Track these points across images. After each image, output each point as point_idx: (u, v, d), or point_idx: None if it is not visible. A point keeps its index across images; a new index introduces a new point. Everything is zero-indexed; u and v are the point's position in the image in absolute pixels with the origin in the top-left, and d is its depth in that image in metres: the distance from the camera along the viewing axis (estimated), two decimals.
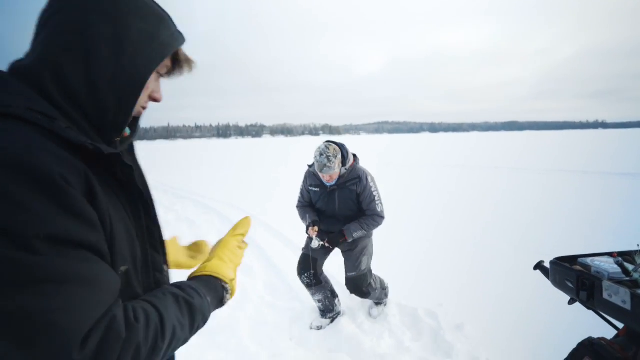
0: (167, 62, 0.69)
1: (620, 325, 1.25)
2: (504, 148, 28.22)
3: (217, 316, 3.01)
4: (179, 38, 0.69)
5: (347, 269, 2.75)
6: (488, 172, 12.74)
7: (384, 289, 2.91)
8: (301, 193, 2.94)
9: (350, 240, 2.63)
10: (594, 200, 7.37)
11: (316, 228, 2.69)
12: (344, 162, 2.62)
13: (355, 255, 2.70)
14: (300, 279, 2.85)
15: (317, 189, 2.78)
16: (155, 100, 0.71)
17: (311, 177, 2.82)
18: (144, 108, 0.70)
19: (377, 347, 2.49)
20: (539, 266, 1.52)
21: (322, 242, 2.67)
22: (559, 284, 1.21)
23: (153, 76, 0.66)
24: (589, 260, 1.17)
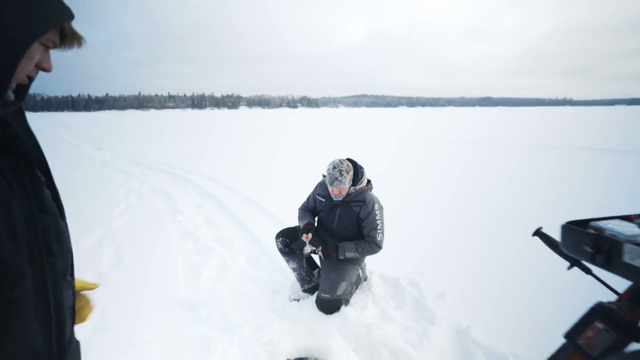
0: (52, 36, 0.73)
1: (620, 289, 1.26)
2: (482, 123, 28.79)
3: (198, 290, 2.97)
4: (64, 14, 0.73)
5: (322, 288, 2.57)
6: (466, 146, 12.98)
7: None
8: (308, 199, 2.91)
9: (341, 257, 2.56)
10: (570, 173, 7.66)
11: (310, 234, 2.63)
12: (355, 181, 2.58)
13: (336, 277, 2.55)
14: (276, 241, 2.83)
15: (323, 200, 2.75)
16: (45, 70, 0.76)
17: (321, 187, 2.79)
18: (30, 77, 0.75)
19: (362, 317, 2.51)
20: (538, 233, 1.51)
21: (314, 249, 2.61)
22: (573, 248, 1.18)
23: (38, 48, 0.71)
24: (601, 223, 1.15)
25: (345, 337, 2.28)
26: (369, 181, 2.68)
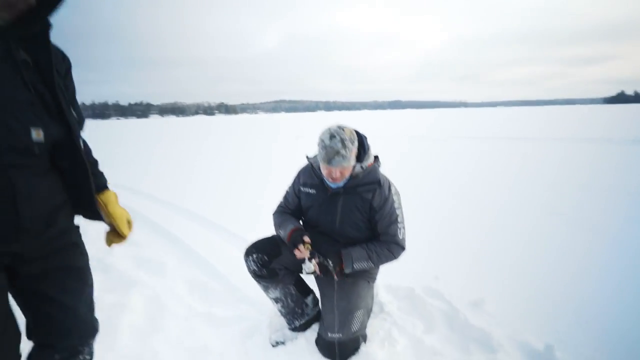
0: None
1: None
2: (397, 123, 30.35)
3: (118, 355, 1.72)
4: None
5: (328, 324, 1.67)
6: (401, 140, 13.11)
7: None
8: (285, 197, 1.96)
9: (347, 271, 1.70)
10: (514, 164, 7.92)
11: (307, 245, 1.69)
12: (360, 156, 1.72)
13: (347, 305, 1.69)
14: (246, 261, 1.84)
15: (312, 191, 1.82)
16: None
17: (306, 173, 1.86)
18: None
19: (394, 357, 1.67)
20: None
21: (316, 264, 1.67)
22: None
23: None
24: None
25: None
26: (376, 157, 1.85)
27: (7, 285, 1.02)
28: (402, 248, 1.78)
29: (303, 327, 1.90)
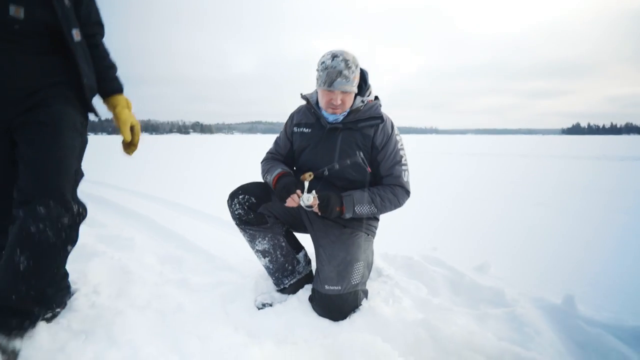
0: None
1: None
2: None
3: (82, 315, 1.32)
4: None
5: (325, 276, 1.47)
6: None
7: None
8: (276, 141, 1.77)
9: (348, 216, 1.50)
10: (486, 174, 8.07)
11: (311, 173, 1.52)
12: (361, 90, 1.57)
13: (346, 256, 1.49)
14: (230, 204, 1.61)
15: (307, 130, 1.63)
16: None
17: (300, 113, 1.69)
18: None
19: (401, 312, 1.45)
20: None
21: (315, 198, 1.45)
22: None
23: None
24: None
25: (396, 349, 1.20)
26: (376, 97, 1.68)
27: (10, 145, 1.15)
28: (408, 193, 1.60)
29: (293, 288, 1.65)
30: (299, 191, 1.46)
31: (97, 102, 1.40)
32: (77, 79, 1.21)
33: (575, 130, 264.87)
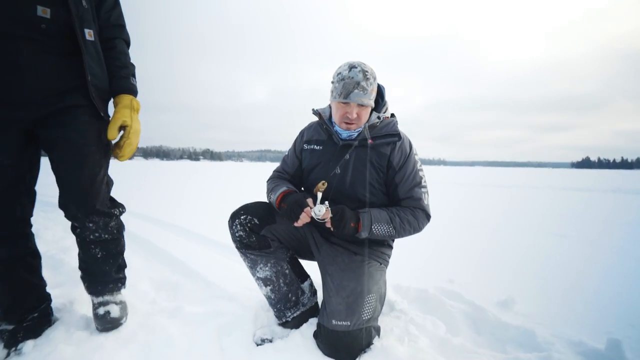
0: None
1: None
2: None
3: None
4: None
5: (332, 309, 1.30)
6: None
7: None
8: (284, 160, 1.67)
9: (364, 235, 1.34)
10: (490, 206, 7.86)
11: (325, 182, 1.39)
12: (377, 106, 1.49)
13: (356, 287, 1.32)
14: (231, 225, 1.47)
15: (318, 147, 1.52)
16: None
17: (311, 129, 1.60)
18: None
19: (419, 355, 1.27)
20: None
21: (328, 210, 1.32)
22: None
23: None
24: None
25: None
26: (392, 114, 1.58)
27: (25, 144, 1.21)
28: (428, 217, 1.46)
29: (296, 322, 1.48)
30: (310, 201, 1.34)
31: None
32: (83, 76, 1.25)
33: (586, 164, 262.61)
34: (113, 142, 1.35)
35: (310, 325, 1.45)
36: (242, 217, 1.45)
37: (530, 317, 1.63)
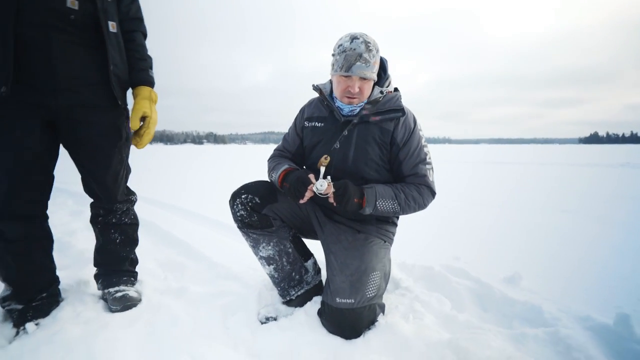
0: None
1: None
2: None
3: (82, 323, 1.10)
4: None
5: (336, 287, 1.28)
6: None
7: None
8: (284, 138, 1.62)
9: (368, 211, 1.31)
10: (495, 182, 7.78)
11: (327, 156, 1.35)
12: (380, 80, 1.42)
13: (360, 265, 1.30)
14: (232, 204, 1.45)
15: (319, 124, 1.47)
16: None
17: (312, 106, 1.54)
18: None
19: (424, 331, 1.26)
20: None
21: (330, 185, 1.28)
22: None
23: None
24: None
25: None
26: (396, 88, 1.52)
27: (47, 131, 1.27)
28: (433, 193, 1.43)
29: (300, 300, 1.48)
30: (312, 177, 1.31)
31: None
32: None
33: (594, 139, 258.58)
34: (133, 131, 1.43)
35: (315, 304, 1.44)
36: (243, 197, 1.42)
37: (536, 293, 1.61)
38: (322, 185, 1.25)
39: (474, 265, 1.93)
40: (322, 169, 1.32)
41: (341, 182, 1.28)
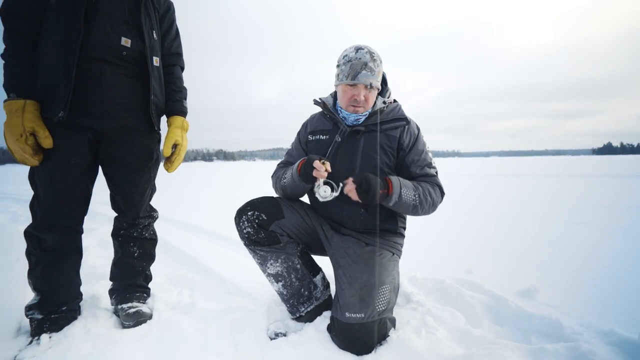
0: None
1: None
2: None
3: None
4: None
5: (345, 302, 1.25)
6: None
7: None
8: (288, 152, 1.65)
9: (395, 199, 1.28)
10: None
11: (327, 163, 1.34)
12: (381, 92, 1.46)
13: (369, 278, 1.28)
14: (239, 221, 1.44)
15: (323, 137, 1.49)
16: None
17: (315, 119, 1.58)
18: None
19: (437, 347, 1.22)
20: None
21: (336, 192, 1.31)
22: None
23: None
24: None
25: None
26: (394, 100, 1.54)
27: (90, 152, 1.38)
28: (443, 193, 1.44)
29: (310, 316, 1.45)
30: (317, 162, 1.31)
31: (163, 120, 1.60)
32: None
33: (607, 150, 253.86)
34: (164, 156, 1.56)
35: (324, 319, 1.41)
36: (249, 214, 1.42)
37: (555, 307, 1.55)
38: (326, 192, 1.28)
39: (488, 278, 1.88)
40: (323, 171, 1.32)
41: (359, 175, 1.27)
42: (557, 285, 1.81)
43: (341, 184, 1.32)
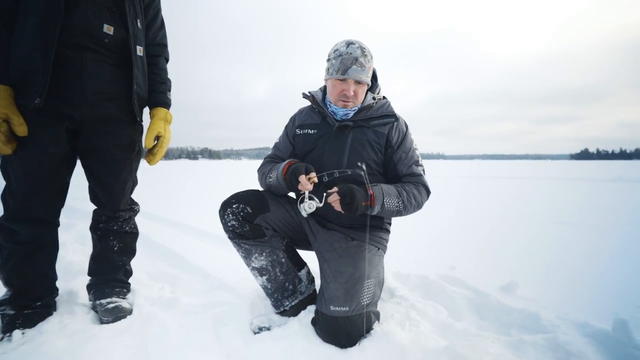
0: None
1: None
2: None
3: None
4: None
5: (330, 295, 1.26)
6: None
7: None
8: (275, 146, 1.62)
9: (376, 209, 1.28)
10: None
11: (314, 176, 1.32)
12: (371, 88, 1.46)
13: (354, 272, 1.29)
14: (223, 214, 1.41)
15: (311, 131, 1.47)
16: None
17: (304, 113, 1.55)
18: None
19: (420, 338, 1.23)
20: None
21: (320, 204, 1.29)
22: None
23: None
24: None
25: None
26: (384, 97, 1.54)
27: (68, 141, 1.33)
28: (429, 192, 1.45)
29: (294, 311, 1.44)
30: (302, 177, 1.29)
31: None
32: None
33: (584, 155, 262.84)
34: (146, 148, 1.52)
35: (309, 313, 1.41)
36: (234, 206, 1.40)
37: (534, 300, 1.59)
38: (311, 207, 1.27)
39: (470, 274, 1.91)
40: (307, 193, 1.30)
41: (345, 187, 1.25)
42: (536, 280, 1.86)
43: (324, 194, 1.29)
